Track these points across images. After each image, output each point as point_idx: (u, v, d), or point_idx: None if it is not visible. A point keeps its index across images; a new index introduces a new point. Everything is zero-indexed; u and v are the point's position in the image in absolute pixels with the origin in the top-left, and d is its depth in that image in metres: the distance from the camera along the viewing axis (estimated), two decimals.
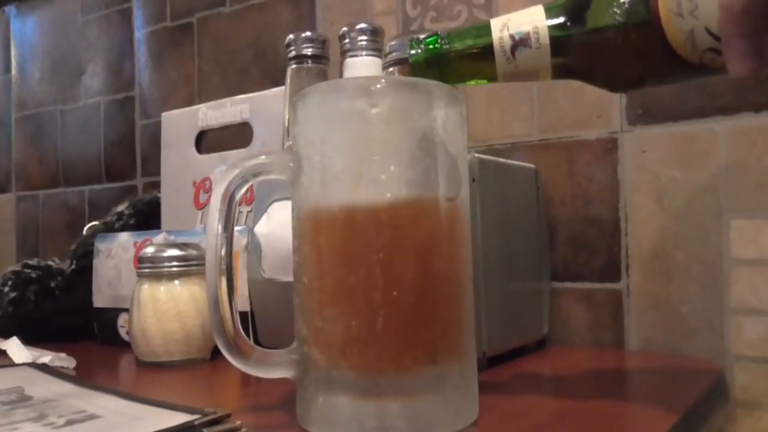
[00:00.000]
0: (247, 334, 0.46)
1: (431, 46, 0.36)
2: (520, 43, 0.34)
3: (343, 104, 0.32)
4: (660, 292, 0.55)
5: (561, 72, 0.35)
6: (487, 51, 0.34)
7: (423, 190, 0.31)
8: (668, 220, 0.55)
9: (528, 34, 0.33)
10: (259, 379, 0.34)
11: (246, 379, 0.45)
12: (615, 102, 0.58)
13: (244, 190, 0.34)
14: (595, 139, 0.58)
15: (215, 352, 0.50)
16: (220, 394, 0.45)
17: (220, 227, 0.34)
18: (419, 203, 0.31)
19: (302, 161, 0.33)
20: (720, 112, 0.53)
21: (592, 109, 0.58)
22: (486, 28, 0.34)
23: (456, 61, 0.35)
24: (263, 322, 0.52)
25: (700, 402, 0.41)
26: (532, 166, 0.56)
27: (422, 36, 0.36)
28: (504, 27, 0.34)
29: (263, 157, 0.34)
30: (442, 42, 0.35)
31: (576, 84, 0.59)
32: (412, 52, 0.36)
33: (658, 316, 0.55)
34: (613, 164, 0.57)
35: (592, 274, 0.58)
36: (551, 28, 0.33)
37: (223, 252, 0.34)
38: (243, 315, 0.52)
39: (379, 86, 0.32)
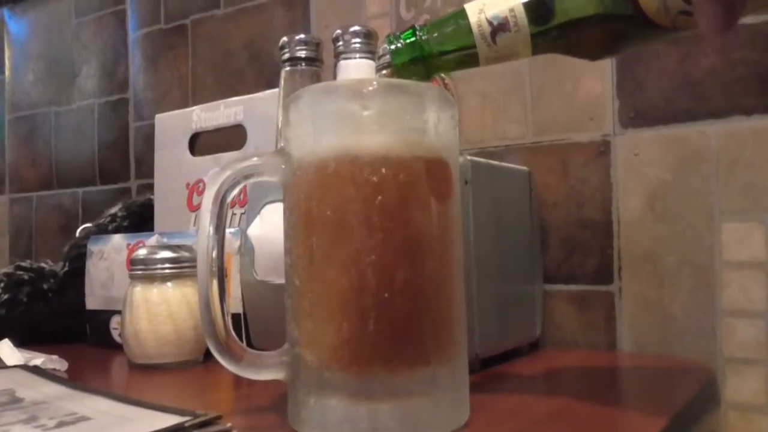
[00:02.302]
0: (240, 337, 0.46)
1: (408, 41, 0.35)
2: (499, 28, 0.33)
3: (335, 106, 0.32)
4: (652, 295, 0.55)
5: (540, 49, 0.35)
6: (467, 40, 0.34)
7: (414, 193, 0.32)
8: (660, 223, 0.55)
9: (506, 18, 0.33)
10: (251, 381, 0.34)
11: (238, 381, 0.45)
12: (608, 105, 0.58)
13: (236, 191, 0.34)
14: (587, 141, 0.59)
15: (207, 354, 0.50)
16: (212, 396, 0.45)
17: (211, 229, 0.33)
18: (411, 206, 0.31)
19: (294, 163, 0.33)
20: (711, 115, 0.53)
21: (585, 112, 0.59)
22: (462, 15, 0.34)
23: (437, 53, 0.35)
24: (256, 325, 0.52)
25: (691, 404, 0.41)
26: (525, 168, 0.56)
27: (399, 32, 0.36)
28: (480, 12, 0.34)
29: (255, 158, 0.34)
30: (419, 35, 0.35)
31: (569, 87, 0.60)
32: (392, 47, 0.36)
33: (650, 319, 0.55)
34: (605, 167, 0.58)
35: (585, 276, 0.58)
36: (527, 7, 0.33)
37: (214, 254, 0.33)
38: (236, 317, 0.52)
39: (371, 88, 0.32)
